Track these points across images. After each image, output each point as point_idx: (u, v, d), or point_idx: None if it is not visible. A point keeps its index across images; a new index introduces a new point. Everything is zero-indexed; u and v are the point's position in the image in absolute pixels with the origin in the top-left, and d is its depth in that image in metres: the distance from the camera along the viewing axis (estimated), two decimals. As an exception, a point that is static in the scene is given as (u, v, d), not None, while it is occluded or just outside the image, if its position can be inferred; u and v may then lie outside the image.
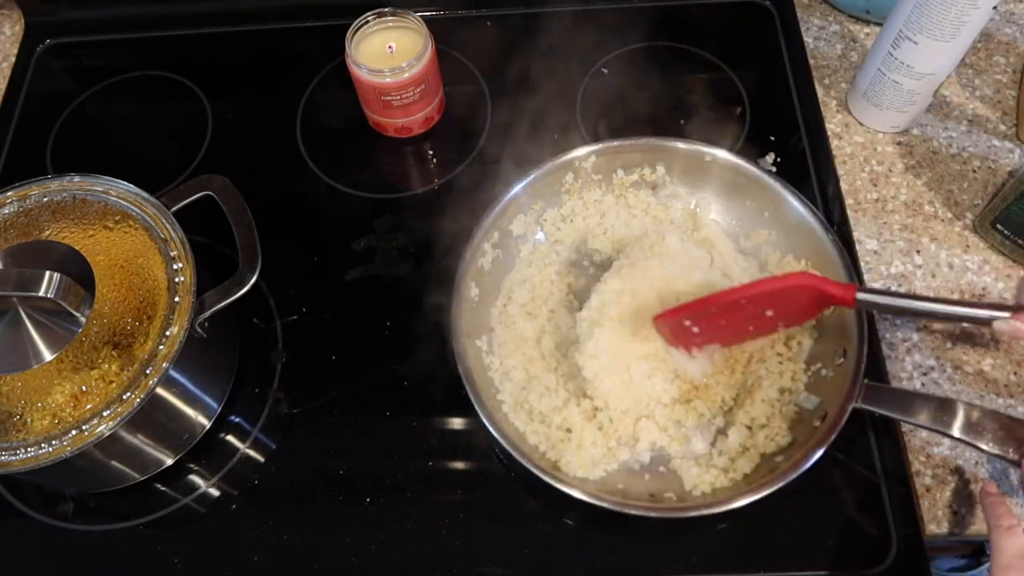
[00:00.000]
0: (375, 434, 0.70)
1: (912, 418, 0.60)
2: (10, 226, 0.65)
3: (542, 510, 0.65)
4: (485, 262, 0.72)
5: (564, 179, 0.75)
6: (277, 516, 0.66)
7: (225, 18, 0.95)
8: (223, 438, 0.70)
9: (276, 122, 0.88)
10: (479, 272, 0.71)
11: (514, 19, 0.94)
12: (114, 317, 0.60)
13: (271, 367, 0.73)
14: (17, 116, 0.91)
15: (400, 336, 0.74)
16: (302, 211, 0.82)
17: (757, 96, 0.85)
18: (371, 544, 0.65)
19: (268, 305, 0.76)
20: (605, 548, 0.64)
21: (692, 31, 0.90)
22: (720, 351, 0.67)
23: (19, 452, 0.57)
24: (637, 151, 0.75)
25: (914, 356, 0.69)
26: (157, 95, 0.92)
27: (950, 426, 0.58)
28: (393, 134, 0.85)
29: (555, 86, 0.88)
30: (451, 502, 0.66)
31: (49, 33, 0.96)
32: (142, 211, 0.66)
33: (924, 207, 0.77)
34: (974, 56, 0.86)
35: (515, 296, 0.72)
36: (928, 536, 0.62)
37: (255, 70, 0.94)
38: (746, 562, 0.62)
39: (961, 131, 0.81)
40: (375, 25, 0.80)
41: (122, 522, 0.67)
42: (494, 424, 0.62)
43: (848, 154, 0.81)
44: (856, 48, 0.89)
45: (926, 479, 0.64)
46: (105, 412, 0.58)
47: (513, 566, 0.63)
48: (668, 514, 0.60)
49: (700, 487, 0.62)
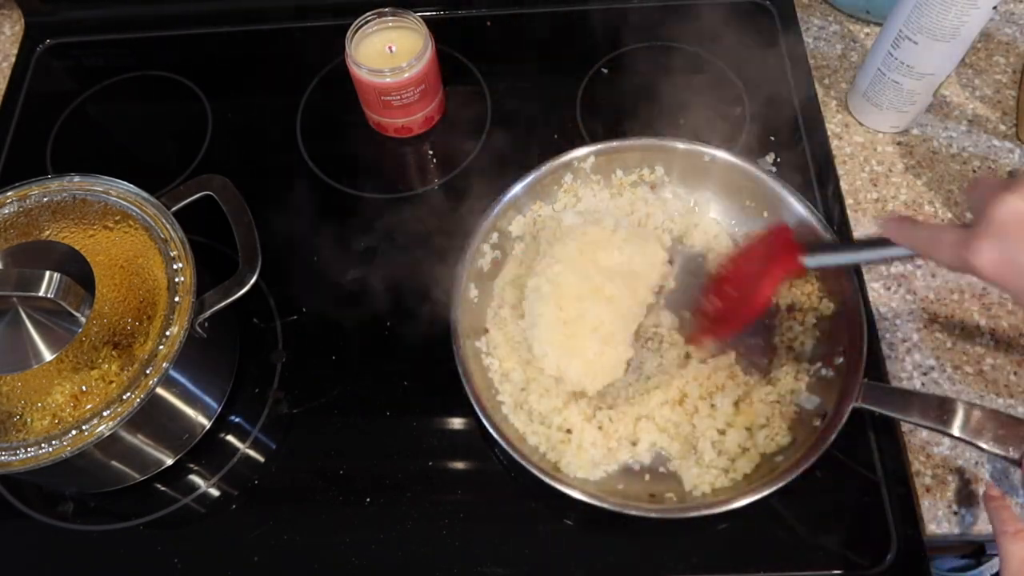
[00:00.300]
0: (375, 434, 0.70)
1: (912, 417, 0.60)
2: (10, 226, 0.65)
3: (542, 510, 0.65)
4: (484, 263, 0.72)
5: (563, 179, 0.75)
6: (277, 516, 0.66)
7: (225, 18, 0.95)
8: (223, 438, 0.70)
9: (276, 122, 0.88)
10: (478, 273, 0.71)
11: (514, 19, 0.94)
12: (114, 317, 0.60)
13: (271, 367, 0.73)
14: (17, 116, 0.91)
15: (400, 336, 0.74)
16: (302, 211, 0.82)
17: (757, 96, 0.85)
18: (371, 544, 0.65)
19: (268, 305, 0.76)
20: (605, 548, 0.64)
21: (692, 31, 0.90)
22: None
23: (19, 452, 0.57)
24: (636, 151, 0.75)
25: (914, 356, 0.69)
26: (157, 95, 0.92)
27: (950, 425, 0.58)
28: (393, 134, 0.85)
29: (555, 86, 0.88)
30: (451, 502, 0.66)
31: (49, 33, 0.96)
32: (142, 211, 0.66)
33: (924, 207, 0.77)
34: (974, 56, 0.86)
35: (507, 297, 0.72)
36: (928, 536, 0.62)
37: (255, 70, 0.94)
38: (746, 562, 0.62)
39: (961, 131, 0.81)
40: (375, 25, 0.80)
41: (122, 522, 0.67)
42: (494, 425, 0.62)
43: (848, 154, 0.81)
44: (856, 48, 0.89)
45: (926, 479, 0.64)
46: (105, 412, 0.58)
47: (513, 566, 0.63)
48: (668, 514, 0.60)
49: (700, 487, 0.62)
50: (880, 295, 0.72)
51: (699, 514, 0.59)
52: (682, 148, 0.74)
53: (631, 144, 0.74)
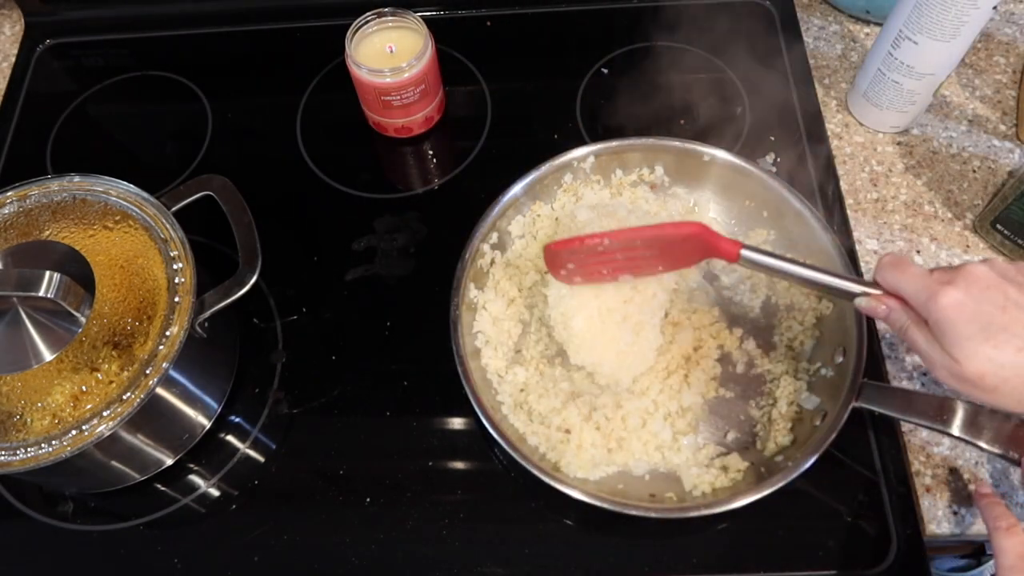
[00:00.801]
0: (375, 434, 0.70)
1: (912, 417, 0.60)
2: (10, 226, 0.65)
3: (542, 510, 0.65)
4: (484, 263, 0.72)
5: (563, 179, 0.75)
6: (277, 516, 0.66)
7: (225, 18, 0.95)
8: (223, 438, 0.70)
9: (276, 122, 0.88)
10: (478, 273, 0.71)
11: (514, 19, 0.94)
12: (114, 317, 0.60)
13: (271, 367, 0.73)
14: (17, 116, 0.91)
15: (400, 336, 0.74)
16: (302, 211, 0.82)
17: (757, 96, 0.85)
18: (371, 544, 0.65)
19: (268, 305, 0.76)
20: (605, 548, 0.64)
21: (692, 31, 0.90)
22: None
23: (19, 452, 0.57)
24: (636, 151, 0.75)
25: (914, 356, 0.69)
26: (157, 95, 0.92)
27: (950, 424, 0.58)
28: (393, 134, 0.85)
29: (555, 86, 0.88)
30: (451, 502, 0.66)
31: (49, 33, 0.96)
32: (142, 211, 0.66)
33: (924, 207, 0.77)
34: (974, 56, 0.86)
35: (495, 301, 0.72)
36: (928, 536, 0.62)
37: (255, 70, 0.94)
38: (746, 562, 0.62)
39: (961, 131, 0.81)
40: (375, 25, 0.80)
41: (122, 522, 0.67)
42: (494, 425, 0.62)
43: (848, 154, 0.81)
44: (856, 48, 0.89)
45: (926, 479, 0.64)
46: (105, 412, 0.58)
47: (513, 566, 0.63)
48: (668, 514, 0.60)
49: (700, 487, 0.62)
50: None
51: (699, 514, 0.59)
52: (681, 148, 0.73)
53: (631, 144, 0.74)
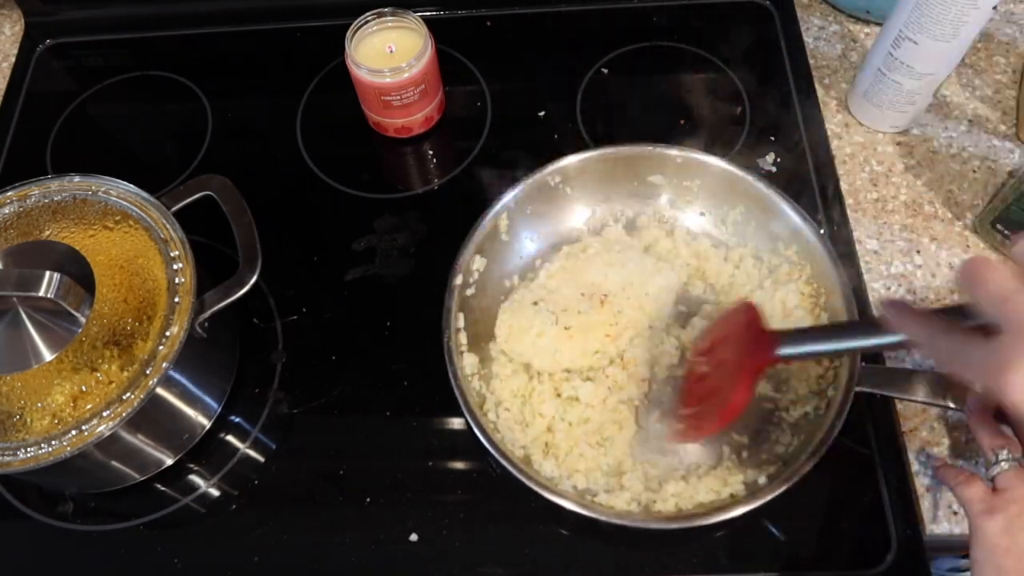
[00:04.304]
0: (375, 434, 0.70)
1: (911, 395, 0.61)
2: (10, 226, 0.65)
3: (542, 510, 0.65)
4: (483, 263, 0.71)
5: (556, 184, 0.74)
6: (277, 516, 0.66)
7: (225, 18, 0.95)
8: (223, 438, 0.70)
9: (276, 122, 0.88)
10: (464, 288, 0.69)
11: (514, 19, 0.94)
12: (114, 317, 0.60)
13: (271, 367, 0.73)
14: (17, 116, 0.91)
15: (400, 336, 0.74)
16: (302, 211, 0.82)
17: (757, 96, 0.85)
18: (371, 544, 0.65)
19: (268, 305, 0.76)
20: (605, 548, 0.64)
21: (692, 31, 0.90)
22: None
23: (19, 452, 0.57)
24: (630, 158, 0.74)
25: (914, 355, 0.69)
26: (157, 95, 0.92)
27: (947, 398, 0.60)
28: (393, 134, 0.85)
29: (555, 86, 0.88)
30: (451, 502, 0.66)
31: (49, 33, 0.96)
32: (142, 211, 0.66)
33: (924, 207, 0.77)
34: (974, 56, 0.86)
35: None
36: (928, 536, 0.63)
37: (255, 70, 0.94)
38: (746, 563, 0.62)
39: (961, 131, 0.81)
40: (375, 25, 0.80)
41: (122, 522, 0.67)
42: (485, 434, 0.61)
43: (848, 154, 0.81)
44: (856, 48, 0.89)
45: (926, 479, 0.64)
46: (105, 412, 0.58)
47: (513, 566, 0.63)
48: (667, 525, 0.59)
49: (698, 496, 0.62)
50: (880, 295, 0.72)
51: (697, 524, 0.58)
52: (675, 155, 0.72)
53: (625, 152, 0.74)
